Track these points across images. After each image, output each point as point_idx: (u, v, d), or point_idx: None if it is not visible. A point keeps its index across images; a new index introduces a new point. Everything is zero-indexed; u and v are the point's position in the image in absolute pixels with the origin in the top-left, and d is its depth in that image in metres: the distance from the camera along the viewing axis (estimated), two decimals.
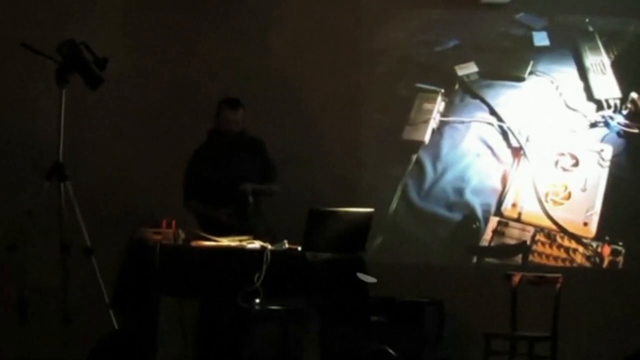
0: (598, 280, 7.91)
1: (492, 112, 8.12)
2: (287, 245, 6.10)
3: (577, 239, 8.02)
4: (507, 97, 8.14)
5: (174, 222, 6.05)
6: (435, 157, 8.11)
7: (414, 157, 8.10)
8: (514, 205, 8.05)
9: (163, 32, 7.95)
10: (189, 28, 7.98)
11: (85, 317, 6.21)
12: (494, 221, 8.05)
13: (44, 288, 6.68)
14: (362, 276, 6.06)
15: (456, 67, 8.15)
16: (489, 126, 8.11)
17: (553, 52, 8.17)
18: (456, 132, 8.13)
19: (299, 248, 6.03)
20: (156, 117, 7.86)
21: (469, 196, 8.06)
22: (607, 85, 8.12)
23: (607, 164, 8.05)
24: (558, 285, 6.92)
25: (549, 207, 8.01)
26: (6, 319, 6.64)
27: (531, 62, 8.15)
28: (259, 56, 7.98)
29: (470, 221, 8.05)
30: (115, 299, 5.99)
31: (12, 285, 6.38)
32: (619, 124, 8.07)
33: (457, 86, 8.14)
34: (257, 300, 6.04)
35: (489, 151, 8.10)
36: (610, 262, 8.00)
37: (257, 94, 7.74)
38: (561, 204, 8.03)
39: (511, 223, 8.04)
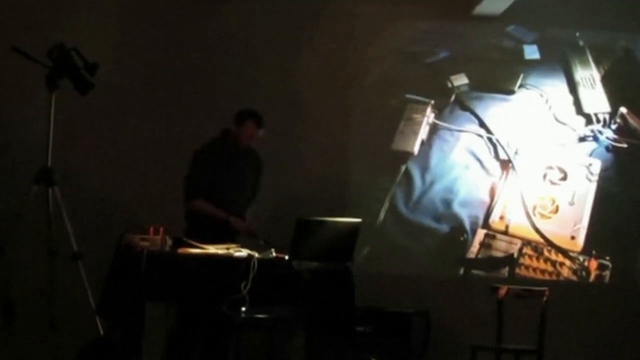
0: (584, 294, 7.93)
1: (482, 124, 8.14)
2: (274, 254, 6.09)
3: (564, 252, 8.03)
4: (497, 110, 8.15)
5: (161, 229, 6.03)
6: (424, 169, 8.12)
7: (403, 168, 8.10)
8: (501, 217, 8.06)
9: (154, 38, 7.94)
10: (180, 34, 7.97)
11: (71, 322, 6.19)
12: (481, 233, 8.06)
13: (30, 292, 6.65)
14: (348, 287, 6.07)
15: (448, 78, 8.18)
16: (478, 138, 8.13)
17: (543, 65, 8.20)
18: (445, 144, 8.14)
19: (287, 257, 6.02)
20: (146, 123, 7.84)
21: (457, 208, 8.07)
22: (596, 99, 8.15)
23: (595, 178, 8.07)
24: (544, 298, 6.92)
25: (537, 220, 8.03)
26: None
27: (521, 75, 8.17)
28: (248, 65, 7.97)
29: (458, 233, 8.06)
30: (102, 304, 5.96)
31: None
32: (607, 138, 8.10)
33: (453, 98, 8.15)
34: (243, 309, 6.02)
35: (477, 163, 8.11)
36: (596, 277, 8.01)
37: (246, 103, 7.73)
38: (549, 217, 8.04)
39: (498, 236, 8.05)
